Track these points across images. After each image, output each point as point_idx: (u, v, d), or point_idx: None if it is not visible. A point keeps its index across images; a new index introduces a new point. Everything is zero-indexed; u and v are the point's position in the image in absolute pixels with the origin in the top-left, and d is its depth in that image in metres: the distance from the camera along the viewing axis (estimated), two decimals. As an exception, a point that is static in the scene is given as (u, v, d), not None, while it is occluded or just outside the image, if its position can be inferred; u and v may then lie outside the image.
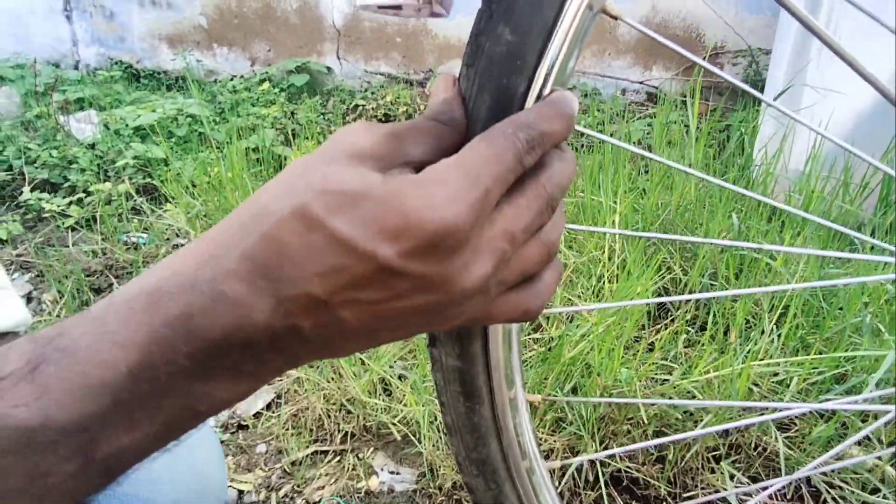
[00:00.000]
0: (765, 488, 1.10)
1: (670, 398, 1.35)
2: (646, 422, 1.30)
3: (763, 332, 1.45)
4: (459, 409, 0.47)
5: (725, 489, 1.23)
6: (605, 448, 1.31)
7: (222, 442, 1.38)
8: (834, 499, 1.23)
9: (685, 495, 1.26)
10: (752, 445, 1.33)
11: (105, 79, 4.09)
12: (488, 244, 0.29)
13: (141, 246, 2.06)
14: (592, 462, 1.26)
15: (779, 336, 1.45)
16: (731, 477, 1.26)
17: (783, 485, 1.26)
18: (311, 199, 0.27)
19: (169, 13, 4.39)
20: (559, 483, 1.24)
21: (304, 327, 0.28)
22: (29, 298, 1.86)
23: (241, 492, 1.28)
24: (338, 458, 1.35)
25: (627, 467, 1.28)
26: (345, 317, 0.28)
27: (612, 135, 2.35)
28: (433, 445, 1.31)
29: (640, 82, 3.98)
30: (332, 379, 1.45)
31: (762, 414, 1.13)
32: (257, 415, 1.46)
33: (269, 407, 1.48)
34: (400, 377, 1.46)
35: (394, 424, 1.37)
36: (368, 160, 0.29)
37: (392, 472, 1.32)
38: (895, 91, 0.44)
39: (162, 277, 0.27)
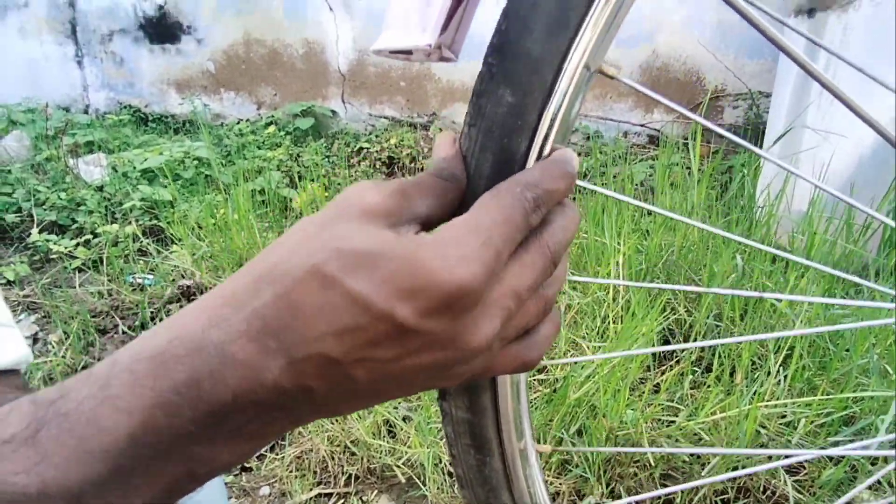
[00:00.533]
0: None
1: (677, 440, 1.34)
2: (652, 464, 1.28)
3: (769, 373, 1.44)
4: (470, 462, 0.47)
5: (736, 534, 1.21)
6: (612, 492, 1.29)
7: (226, 484, 1.36)
8: (847, 545, 1.21)
9: (695, 541, 1.24)
10: (761, 489, 1.31)
11: (114, 122, 4.17)
12: (496, 303, 0.29)
13: (147, 287, 2.07)
14: (600, 506, 1.24)
15: (785, 377, 1.44)
16: (742, 522, 1.23)
17: (795, 530, 1.23)
18: (327, 259, 0.27)
19: (178, 59, 4.50)
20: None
21: (315, 387, 0.28)
22: (35, 339, 1.86)
23: (243, 537, 1.26)
24: (342, 500, 1.33)
25: (635, 512, 1.26)
26: (357, 375, 0.28)
27: (614, 177, 2.38)
28: (438, 488, 1.29)
29: (642, 125, 4.04)
30: (337, 420, 1.44)
31: (771, 459, 1.11)
32: (261, 456, 1.45)
33: (272, 448, 1.46)
34: (404, 419, 1.45)
35: (398, 467, 1.36)
36: (379, 218, 0.29)
37: (396, 517, 1.30)
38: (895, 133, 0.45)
39: (168, 339, 0.27)
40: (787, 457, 1.10)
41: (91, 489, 0.25)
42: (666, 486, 1.32)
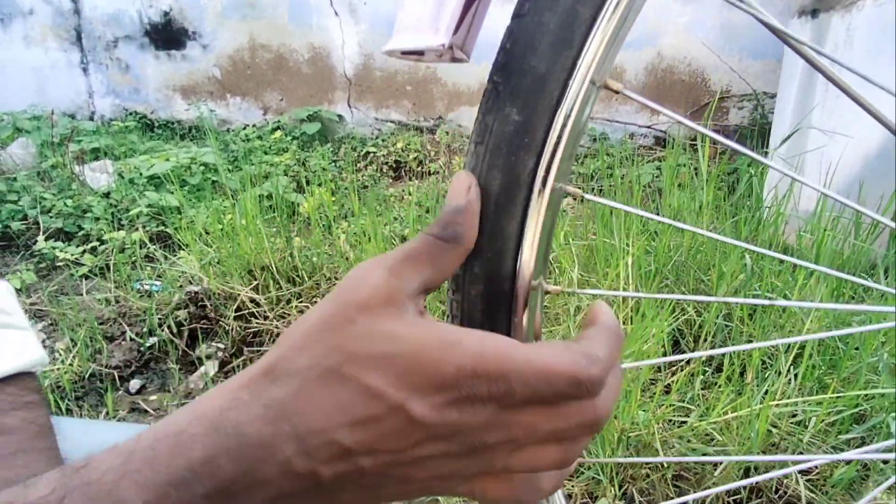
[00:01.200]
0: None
1: (689, 441, 1.33)
2: (665, 465, 1.28)
3: (780, 373, 1.43)
4: None
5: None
6: (624, 493, 1.28)
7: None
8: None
9: (708, 542, 1.23)
10: (774, 489, 1.30)
11: (120, 129, 4.18)
12: (504, 424, 0.30)
13: (154, 294, 2.07)
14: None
15: (795, 376, 1.44)
16: (755, 523, 1.23)
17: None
18: (344, 362, 0.29)
19: (183, 65, 4.51)
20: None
21: (323, 474, 0.29)
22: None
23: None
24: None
25: (648, 514, 1.25)
26: (364, 465, 0.30)
27: (622, 178, 2.38)
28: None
29: (648, 126, 4.04)
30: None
31: (784, 466, 1.11)
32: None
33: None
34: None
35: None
36: (379, 308, 0.31)
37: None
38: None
39: (189, 420, 0.29)
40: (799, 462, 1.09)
41: None
42: (678, 486, 1.31)
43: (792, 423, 1.37)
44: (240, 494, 0.28)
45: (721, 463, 1.29)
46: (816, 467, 1.35)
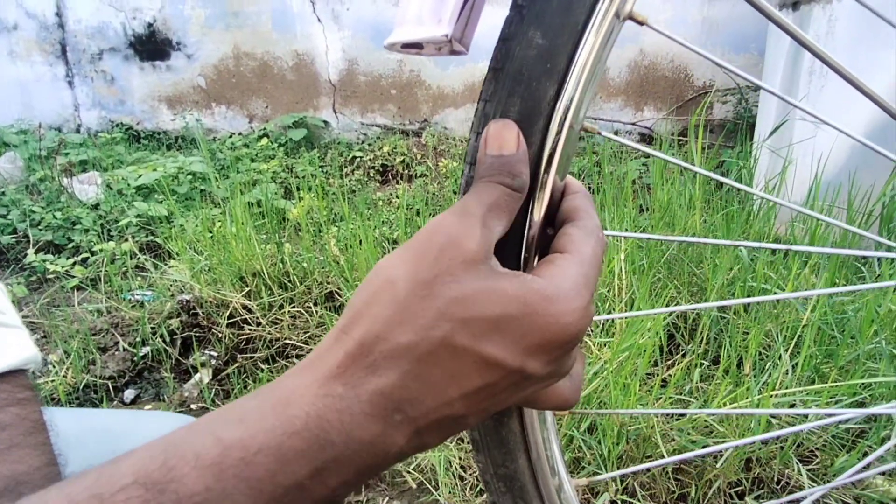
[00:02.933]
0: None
1: (689, 433, 1.33)
2: (665, 458, 1.27)
3: (777, 363, 1.44)
4: (487, 424, 0.46)
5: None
6: (626, 488, 1.28)
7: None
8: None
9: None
10: (775, 479, 1.30)
11: (106, 140, 4.15)
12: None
13: (146, 303, 2.06)
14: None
15: (794, 367, 1.44)
16: (758, 512, 1.23)
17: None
18: (454, 331, 0.27)
19: (168, 75, 4.49)
20: (582, 526, 1.20)
21: (431, 443, 0.29)
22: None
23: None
24: (353, 509, 1.32)
25: (651, 507, 1.25)
26: (471, 422, 0.29)
27: (611, 174, 2.38)
28: (450, 492, 1.28)
29: (633, 123, 4.06)
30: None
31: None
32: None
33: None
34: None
35: (408, 472, 1.35)
36: (482, 265, 0.29)
37: (410, 523, 1.28)
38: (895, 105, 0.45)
39: (283, 429, 0.25)
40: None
41: None
42: (679, 480, 1.31)
43: (791, 413, 1.38)
44: (350, 485, 0.27)
45: (722, 455, 1.29)
46: (817, 456, 1.36)
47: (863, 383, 1.37)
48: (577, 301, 0.29)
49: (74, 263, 2.46)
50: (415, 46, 0.40)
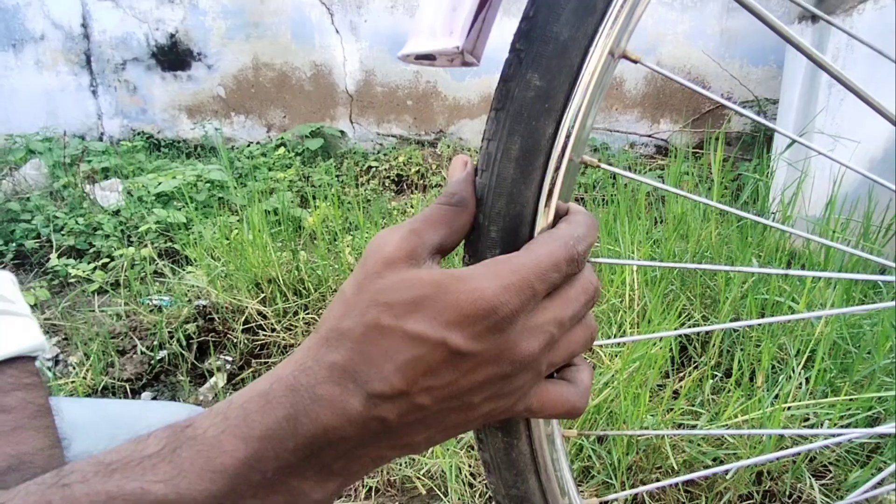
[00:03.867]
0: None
1: (699, 445, 1.33)
2: (676, 469, 1.27)
3: (790, 376, 1.43)
4: (498, 446, 0.47)
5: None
6: (635, 498, 1.28)
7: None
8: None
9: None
10: (787, 493, 1.29)
11: (128, 149, 4.23)
12: (539, 327, 0.34)
13: (164, 308, 2.09)
14: (624, 513, 1.23)
15: (807, 380, 1.43)
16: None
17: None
18: (380, 314, 0.32)
19: (189, 85, 4.57)
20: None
21: (388, 417, 0.32)
22: (56, 361, 1.88)
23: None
24: (363, 515, 1.33)
25: (660, 518, 1.25)
26: (423, 402, 0.33)
27: (625, 186, 2.39)
28: (459, 499, 1.29)
29: (649, 136, 4.06)
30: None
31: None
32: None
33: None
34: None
35: (419, 478, 1.36)
36: (401, 263, 0.34)
37: (419, 529, 1.29)
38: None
39: (270, 383, 0.32)
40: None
41: (214, 503, 0.30)
42: (690, 492, 1.31)
43: (804, 426, 1.37)
44: (323, 451, 0.32)
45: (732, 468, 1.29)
46: (830, 471, 1.35)
47: (879, 397, 1.36)
48: (489, 280, 0.32)
49: (95, 268, 2.51)
50: (428, 58, 0.41)
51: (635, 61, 0.39)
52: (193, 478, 0.29)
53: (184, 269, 2.31)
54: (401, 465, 1.38)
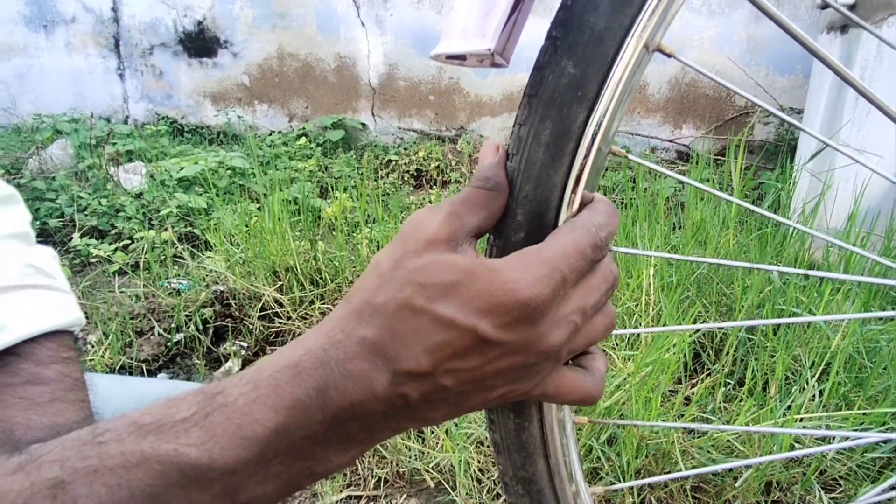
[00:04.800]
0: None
1: (709, 451, 1.33)
2: (685, 476, 1.27)
3: (803, 388, 1.42)
4: (509, 427, 0.48)
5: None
6: (643, 501, 1.28)
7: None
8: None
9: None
10: (796, 504, 1.29)
11: (152, 133, 4.28)
12: (564, 318, 0.35)
13: (182, 292, 2.12)
14: (630, 515, 1.24)
15: (820, 392, 1.42)
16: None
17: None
18: (414, 294, 0.33)
19: (214, 72, 4.61)
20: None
21: (411, 395, 0.33)
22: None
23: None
24: (371, 503, 1.35)
25: (666, 522, 1.25)
26: (446, 383, 0.33)
27: (645, 190, 2.38)
28: (467, 493, 1.30)
29: (671, 140, 4.03)
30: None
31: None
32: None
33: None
34: (434, 424, 1.46)
35: (427, 471, 1.37)
36: (441, 245, 0.35)
37: (426, 520, 1.30)
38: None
39: (300, 354, 0.33)
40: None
41: (243, 469, 0.31)
42: (697, 498, 1.31)
43: (816, 439, 1.36)
44: (349, 422, 0.33)
45: (741, 475, 1.29)
46: (840, 484, 1.34)
47: (893, 412, 1.35)
48: (521, 272, 0.33)
49: (116, 249, 2.54)
50: (459, 58, 0.42)
51: (669, 55, 0.39)
52: (225, 443, 0.30)
53: (203, 254, 2.34)
54: (410, 457, 1.39)
